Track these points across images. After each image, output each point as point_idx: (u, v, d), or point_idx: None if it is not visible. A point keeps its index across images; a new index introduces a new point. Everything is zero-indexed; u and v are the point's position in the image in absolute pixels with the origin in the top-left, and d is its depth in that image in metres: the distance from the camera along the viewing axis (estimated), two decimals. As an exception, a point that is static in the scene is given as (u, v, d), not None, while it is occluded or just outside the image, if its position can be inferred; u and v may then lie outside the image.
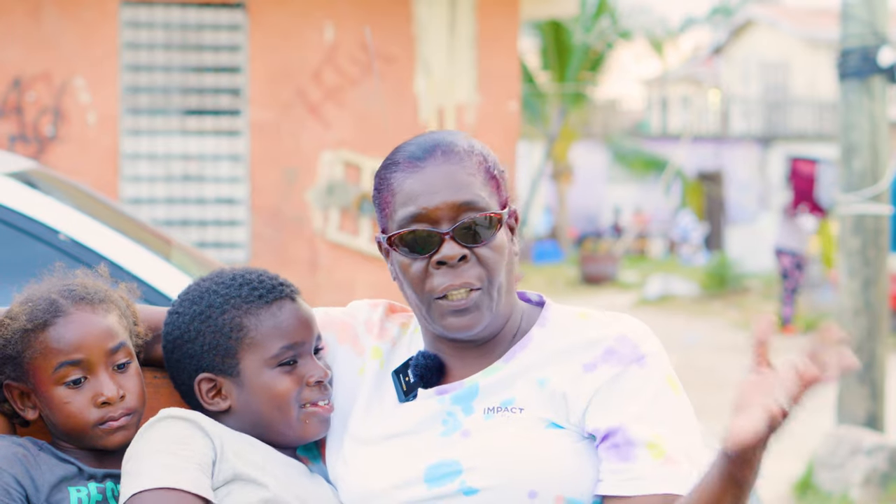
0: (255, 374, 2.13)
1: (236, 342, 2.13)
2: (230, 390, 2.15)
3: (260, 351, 2.13)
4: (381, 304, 2.31)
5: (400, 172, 2.08)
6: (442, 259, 2.04)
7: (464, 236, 2.05)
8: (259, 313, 2.14)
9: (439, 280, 2.05)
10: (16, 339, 2.09)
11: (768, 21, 37.37)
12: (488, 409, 2.06)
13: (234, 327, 2.14)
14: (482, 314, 2.06)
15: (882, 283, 7.47)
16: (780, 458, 8.64)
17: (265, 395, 2.13)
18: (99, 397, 2.08)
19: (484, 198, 2.06)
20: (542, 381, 2.06)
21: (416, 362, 2.15)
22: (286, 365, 2.14)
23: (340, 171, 8.71)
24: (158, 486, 1.94)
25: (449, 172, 2.06)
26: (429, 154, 2.07)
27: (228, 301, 2.15)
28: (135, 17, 8.58)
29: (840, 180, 7.59)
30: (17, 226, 3.28)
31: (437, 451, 2.05)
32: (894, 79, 7.35)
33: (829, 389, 1.91)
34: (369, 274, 8.62)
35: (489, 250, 2.06)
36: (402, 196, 2.07)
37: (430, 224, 2.05)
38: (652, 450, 1.97)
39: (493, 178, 2.09)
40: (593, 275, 25.14)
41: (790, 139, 33.69)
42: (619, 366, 2.02)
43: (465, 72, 8.80)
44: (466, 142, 2.10)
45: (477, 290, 2.05)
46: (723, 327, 18.02)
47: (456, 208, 2.04)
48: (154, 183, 8.61)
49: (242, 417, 2.14)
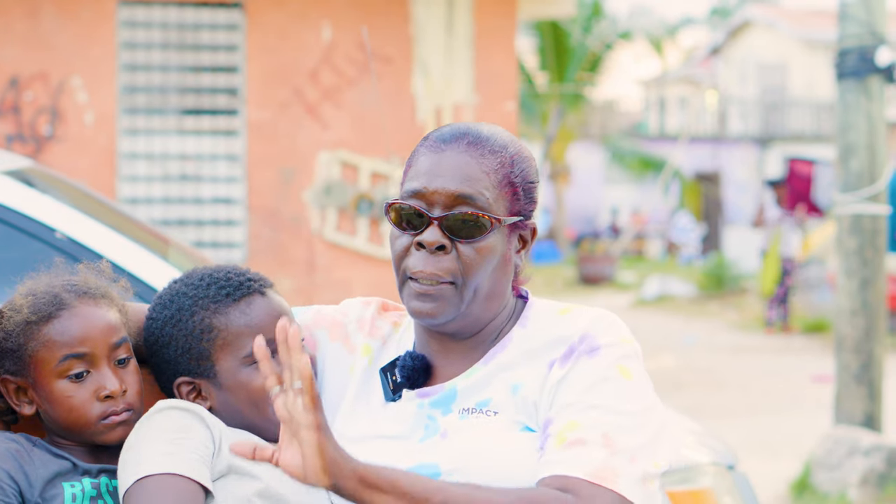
0: (231, 374, 2.13)
1: (209, 344, 2.13)
2: (209, 391, 2.14)
3: (233, 350, 2.12)
4: (373, 302, 2.30)
5: (424, 148, 2.09)
6: (421, 241, 2.04)
7: (451, 227, 2.03)
8: (228, 312, 2.13)
9: (414, 261, 2.05)
10: (18, 331, 2.08)
11: (766, 22, 37.38)
12: (464, 410, 2.06)
13: (204, 329, 2.13)
14: (446, 306, 2.04)
15: (879, 284, 7.47)
16: (778, 459, 8.65)
17: (242, 393, 2.12)
18: (102, 391, 2.08)
19: (487, 198, 2.04)
20: (515, 386, 2.05)
21: (404, 363, 2.14)
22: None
23: (338, 171, 8.70)
24: (160, 471, 1.94)
25: (463, 162, 2.05)
26: (455, 139, 2.07)
27: (197, 303, 2.14)
28: (132, 16, 8.58)
29: (837, 180, 7.59)
30: (14, 224, 3.27)
31: (416, 455, 2.04)
32: (892, 79, 7.35)
33: (828, 390, 1.90)
34: (367, 274, 8.62)
35: (472, 250, 2.04)
36: (414, 170, 2.08)
37: (425, 204, 2.05)
38: (558, 438, 1.95)
39: (510, 184, 2.07)
40: (591, 275, 25.16)
41: (788, 140, 33.70)
42: (570, 362, 2.01)
43: (462, 72, 8.80)
44: (502, 140, 2.09)
45: (447, 283, 2.04)
46: (720, 328, 18.02)
47: (452, 197, 2.03)
48: (151, 182, 8.61)
49: (224, 414, 2.14)
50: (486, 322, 2.11)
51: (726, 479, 3.57)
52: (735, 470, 3.69)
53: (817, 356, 14.52)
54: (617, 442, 1.94)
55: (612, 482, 1.91)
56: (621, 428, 1.95)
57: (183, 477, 1.94)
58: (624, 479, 1.92)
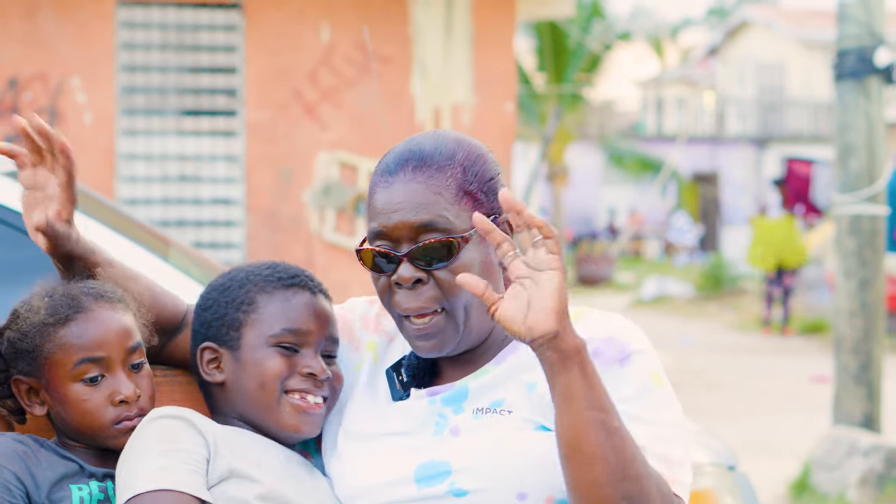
0: (252, 350, 2.14)
1: (244, 315, 2.15)
2: (227, 363, 2.15)
3: (262, 327, 2.14)
4: (377, 300, 2.30)
5: (375, 184, 2.07)
6: (398, 280, 2.04)
7: (421, 258, 2.02)
8: (273, 293, 2.16)
9: (398, 299, 2.05)
10: (34, 332, 2.08)
11: (764, 22, 37.41)
12: (477, 410, 2.05)
13: (245, 300, 2.16)
14: (446, 337, 2.04)
15: (878, 284, 7.48)
16: (777, 459, 8.66)
17: (254, 371, 2.12)
18: (116, 395, 2.08)
19: (448, 218, 2.00)
20: (530, 385, 2.04)
21: (410, 362, 2.14)
22: (285, 349, 2.13)
23: (336, 171, 8.70)
24: (155, 488, 1.94)
25: (412, 191, 2.01)
26: (400, 168, 2.03)
27: (249, 277, 2.19)
28: (131, 17, 8.58)
29: (836, 181, 7.60)
30: (15, 225, 3.27)
31: (427, 452, 2.04)
32: (891, 79, 7.36)
33: (826, 390, 1.90)
34: (365, 275, 8.54)
35: (448, 273, 2.01)
36: (372, 210, 2.06)
37: (390, 243, 2.04)
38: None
39: (467, 193, 2.03)
40: (589, 276, 25.18)
41: (785, 140, 33.73)
42: (601, 367, 1.97)
43: (461, 73, 8.80)
44: (447, 151, 2.05)
45: (437, 312, 2.03)
46: (718, 329, 18.04)
47: (414, 230, 2.01)
48: (150, 183, 8.61)
49: (232, 394, 2.15)
50: (491, 328, 2.10)
51: (727, 479, 3.57)
52: (736, 470, 3.69)
53: (815, 357, 14.53)
54: (670, 456, 1.95)
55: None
56: (668, 440, 1.96)
57: (178, 492, 1.94)
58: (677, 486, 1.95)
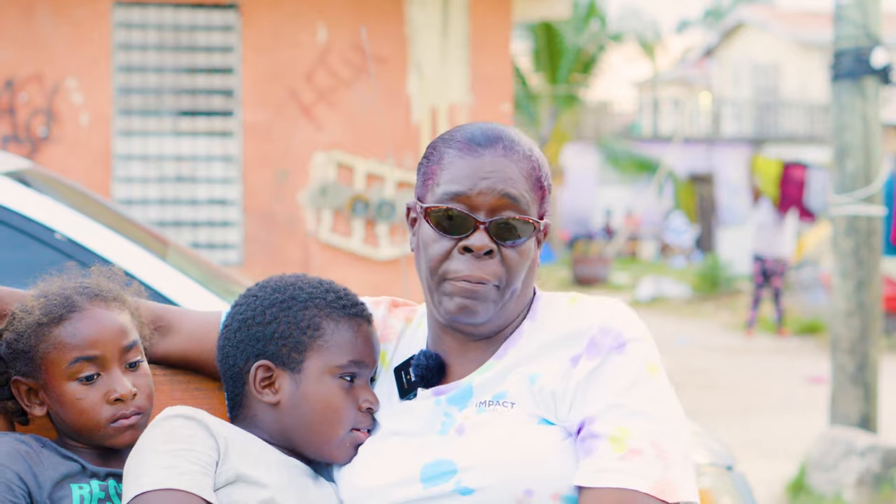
0: (316, 378, 2.13)
1: (309, 339, 2.13)
2: (284, 385, 2.13)
3: (328, 356, 2.13)
4: (383, 301, 2.31)
5: (456, 150, 2.07)
6: (469, 246, 2.04)
7: (497, 231, 2.04)
8: (340, 321, 2.15)
9: (459, 266, 2.05)
10: (29, 332, 2.08)
11: (759, 23, 37.43)
12: (480, 403, 2.06)
13: (311, 324, 2.14)
14: (488, 307, 2.06)
15: (875, 285, 7.48)
16: (773, 460, 8.66)
17: (320, 403, 2.12)
18: (112, 394, 2.08)
19: (528, 200, 2.06)
20: (532, 377, 2.05)
21: (418, 362, 2.14)
22: (344, 380, 2.13)
23: (333, 172, 8.70)
24: (161, 487, 1.94)
25: (505, 166, 2.05)
26: (491, 143, 2.06)
27: (312, 300, 2.16)
28: (127, 17, 8.57)
29: (833, 181, 7.60)
30: (14, 225, 3.27)
31: (433, 451, 2.04)
32: (887, 80, 7.37)
33: (823, 391, 1.90)
34: (362, 275, 8.62)
35: (515, 253, 2.05)
36: (451, 173, 2.06)
37: (469, 208, 2.04)
38: (614, 443, 1.95)
39: (540, 187, 2.09)
40: (585, 277, 25.16)
41: (781, 141, 33.75)
42: (599, 357, 2.00)
43: (457, 73, 8.80)
44: (527, 144, 2.10)
45: (493, 285, 2.05)
46: (714, 329, 18.04)
47: (499, 199, 2.03)
48: (146, 184, 8.60)
49: (285, 417, 2.14)
50: (511, 321, 2.13)
51: (725, 479, 3.57)
52: (733, 470, 3.70)
53: (812, 357, 14.54)
54: (668, 451, 1.96)
55: (672, 494, 1.94)
56: (665, 434, 1.97)
57: (183, 492, 1.94)
58: (681, 489, 1.95)
